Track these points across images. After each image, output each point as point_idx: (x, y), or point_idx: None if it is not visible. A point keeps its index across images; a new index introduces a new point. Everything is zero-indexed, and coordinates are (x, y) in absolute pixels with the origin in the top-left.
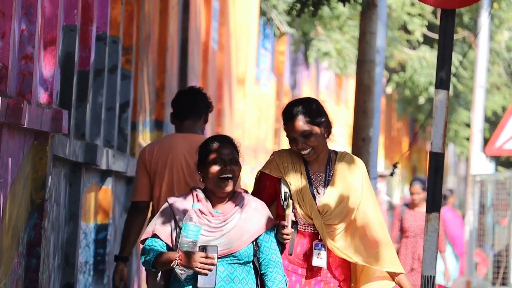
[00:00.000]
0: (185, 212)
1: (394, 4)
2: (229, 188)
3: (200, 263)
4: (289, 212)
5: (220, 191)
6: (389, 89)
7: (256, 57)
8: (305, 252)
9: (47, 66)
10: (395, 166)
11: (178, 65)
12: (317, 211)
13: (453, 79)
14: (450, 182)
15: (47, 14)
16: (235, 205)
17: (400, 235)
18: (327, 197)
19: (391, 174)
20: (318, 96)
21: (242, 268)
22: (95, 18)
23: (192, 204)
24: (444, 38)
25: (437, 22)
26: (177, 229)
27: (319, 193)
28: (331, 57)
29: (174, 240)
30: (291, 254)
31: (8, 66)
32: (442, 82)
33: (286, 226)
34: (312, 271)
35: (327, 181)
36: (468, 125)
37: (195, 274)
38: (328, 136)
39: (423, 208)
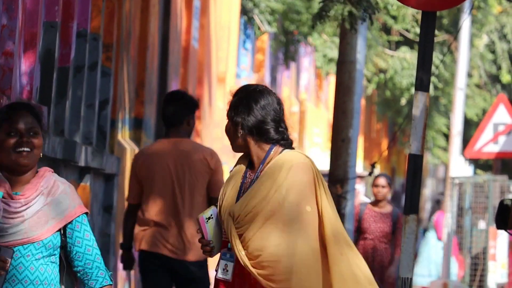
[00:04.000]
0: None
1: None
2: (25, 160)
3: None
4: (200, 216)
5: (16, 165)
6: (369, 90)
7: (237, 56)
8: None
9: (27, 62)
10: (373, 166)
11: (158, 63)
12: (228, 213)
13: (433, 79)
14: (428, 184)
15: (28, 10)
16: (39, 186)
17: (356, 237)
18: (241, 199)
19: (370, 174)
20: (298, 96)
21: (45, 265)
22: (76, 15)
23: None
24: (425, 40)
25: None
26: None
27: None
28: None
29: None
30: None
31: None
32: (422, 84)
33: (200, 236)
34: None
35: (253, 182)
36: (445, 134)
37: None
38: (245, 136)
39: (385, 209)
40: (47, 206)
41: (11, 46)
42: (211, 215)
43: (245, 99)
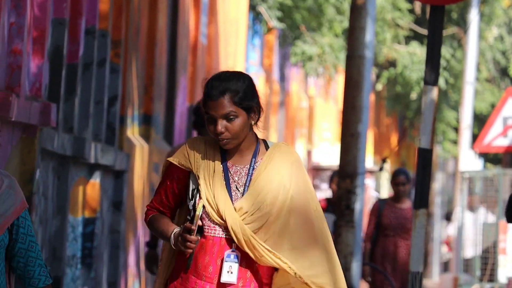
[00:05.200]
0: None
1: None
2: None
3: None
4: (198, 213)
5: None
6: (379, 86)
7: (245, 51)
8: (215, 263)
9: (36, 59)
10: (384, 161)
11: (167, 59)
12: (233, 210)
13: (444, 73)
14: (438, 178)
15: (36, 7)
16: None
17: (376, 233)
18: (249, 194)
19: (380, 169)
20: (307, 91)
21: None
22: (84, 12)
23: None
24: (433, 34)
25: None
26: None
27: (238, 190)
28: (311, 62)
29: None
30: (188, 268)
31: None
32: (431, 78)
33: (193, 232)
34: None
35: (250, 175)
36: (455, 128)
37: None
38: (255, 124)
39: (404, 204)
40: None
41: (20, 44)
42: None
43: (249, 82)
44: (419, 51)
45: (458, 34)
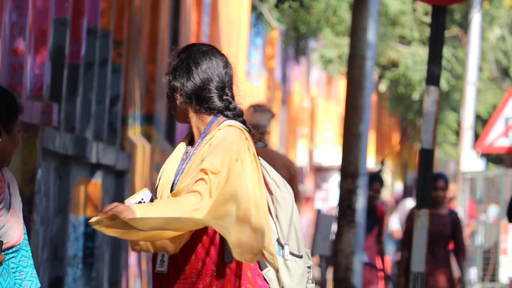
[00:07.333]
0: None
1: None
2: None
3: None
4: (128, 201)
5: None
6: (382, 87)
7: (247, 52)
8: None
9: (37, 59)
10: (382, 163)
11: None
12: (167, 196)
13: (446, 74)
14: None
15: (38, 7)
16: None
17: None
18: (180, 180)
19: (380, 171)
20: (309, 91)
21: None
22: (86, 12)
23: None
24: (436, 34)
25: (429, 19)
26: None
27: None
28: (333, 63)
29: None
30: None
31: None
32: (433, 78)
33: None
34: (160, 279)
35: (189, 159)
36: (455, 131)
37: None
38: (191, 105)
39: (443, 210)
40: (14, 199)
41: (22, 43)
42: (142, 199)
43: (185, 60)
44: (421, 51)
45: (460, 34)
